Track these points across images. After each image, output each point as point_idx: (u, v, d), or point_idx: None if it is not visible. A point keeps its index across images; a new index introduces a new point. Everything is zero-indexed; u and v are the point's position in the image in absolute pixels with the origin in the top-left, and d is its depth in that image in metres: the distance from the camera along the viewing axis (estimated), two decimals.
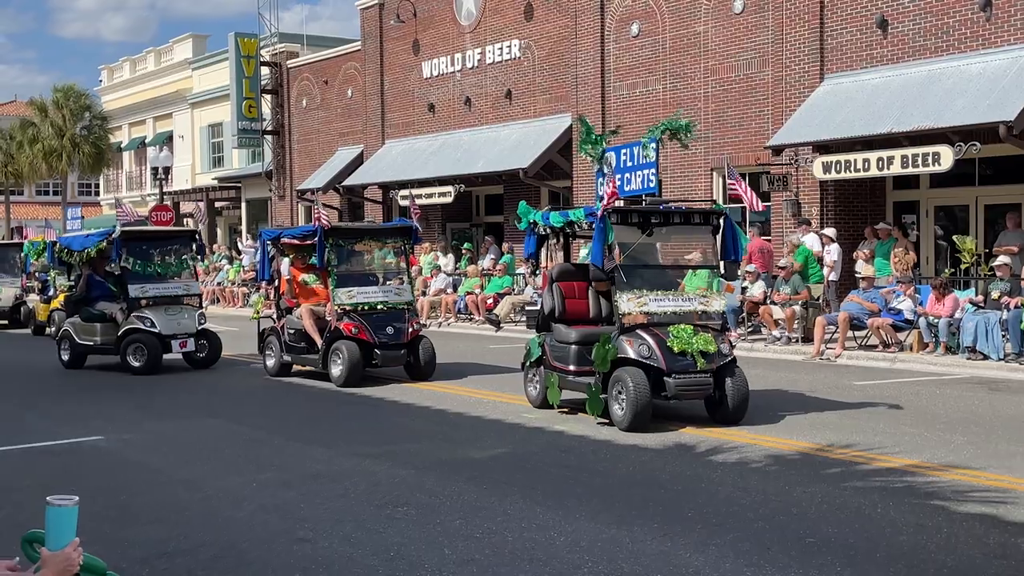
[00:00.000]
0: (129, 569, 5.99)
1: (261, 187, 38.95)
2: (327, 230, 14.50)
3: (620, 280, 10.68)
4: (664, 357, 10.22)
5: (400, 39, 31.39)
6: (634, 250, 10.99)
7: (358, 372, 13.89)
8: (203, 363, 16.52)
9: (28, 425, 11.64)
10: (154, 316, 16.14)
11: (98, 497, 7.79)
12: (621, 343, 10.39)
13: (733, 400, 10.45)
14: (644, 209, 11.25)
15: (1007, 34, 17.60)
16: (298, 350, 15.00)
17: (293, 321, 15.08)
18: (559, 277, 12.00)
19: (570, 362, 11.19)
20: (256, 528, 7.08)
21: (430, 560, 6.23)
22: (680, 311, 10.77)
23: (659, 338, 10.32)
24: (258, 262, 16.34)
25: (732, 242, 11.01)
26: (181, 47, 47.58)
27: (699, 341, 10.32)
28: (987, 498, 7.57)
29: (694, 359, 10.23)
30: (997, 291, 15.37)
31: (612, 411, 10.34)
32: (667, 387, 10.26)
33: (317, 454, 9.56)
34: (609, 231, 10.54)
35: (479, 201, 31.24)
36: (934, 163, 17.39)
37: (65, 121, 45.21)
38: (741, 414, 10.54)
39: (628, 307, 10.59)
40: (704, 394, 10.53)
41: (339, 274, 14.59)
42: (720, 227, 11.06)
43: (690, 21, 22.77)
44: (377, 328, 14.14)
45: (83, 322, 16.90)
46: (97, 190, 58.42)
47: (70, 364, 16.97)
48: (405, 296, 15.03)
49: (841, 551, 6.31)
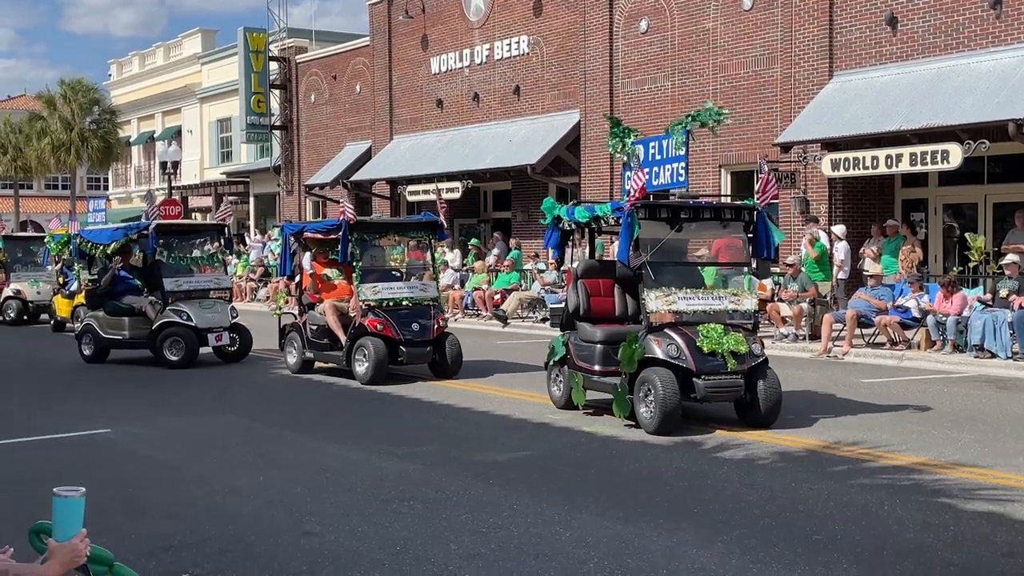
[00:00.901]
0: (136, 562, 5.99)
1: (269, 182, 39.00)
2: (352, 224, 14.17)
3: (648, 278, 10.31)
4: (693, 357, 9.87)
5: (409, 35, 31.39)
6: (662, 247, 10.58)
7: (384, 369, 13.61)
8: (234, 357, 16.49)
9: (37, 418, 11.67)
10: (190, 309, 16.07)
11: (106, 490, 7.82)
12: (649, 343, 10.04)
13: (765, 403, 10.06)
14: (673, 203, 10.86)
15: (1017, 32, 17.54)
16: (321, 347, 14.72)
17: (315, 317, 14.79)
18: (584, 274, 11.64)
19: (595, 362, 10.86)
20: (263, 522, 7.09)
21: (436, 554, 6.24)
22: (710, 310, 10.40)
23: (688, 338, 9.98)
24: (279, 256, 16.11)
25: (765, 238, 10.62)
26: (190, 42, 47.64)
27: (730, 341, 9.97)
28: (994, 496, 7.55)
29: (724, 360, 9.89)
30: (1005, 289, 15.33)
31: (639, 413, 9.98)
32: (696, 389, 9.91)
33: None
34: (636, 226, 10.15)
35: (487, 197, 31.23)
36: (943, 161, 17.34)
37: (74, 115, 45.30)
38: (773, 417, 10.17)
39: (656, 305, 10.24)
40: (735, 396, 10.15)
41: (363, 269, 14.29)
42: (753, 222, 10.67)
43: (699, 17, 22.73)
44: (402, 324, 13.86)
45: (108, 316, 16.77)
46: (106, 184, 58.53)
47: (93, 358, 16.81)
48: (430, 292, 14.73)
49: (847, 548, 6.31)
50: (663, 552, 6.27)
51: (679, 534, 6.62)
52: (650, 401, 9.82)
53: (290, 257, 15.58)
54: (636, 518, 7.00)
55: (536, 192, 27.51)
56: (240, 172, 41.58)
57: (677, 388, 9.73)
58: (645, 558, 6.14)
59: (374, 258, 15.40)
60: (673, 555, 6.20)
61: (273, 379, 14.88)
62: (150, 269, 17.36)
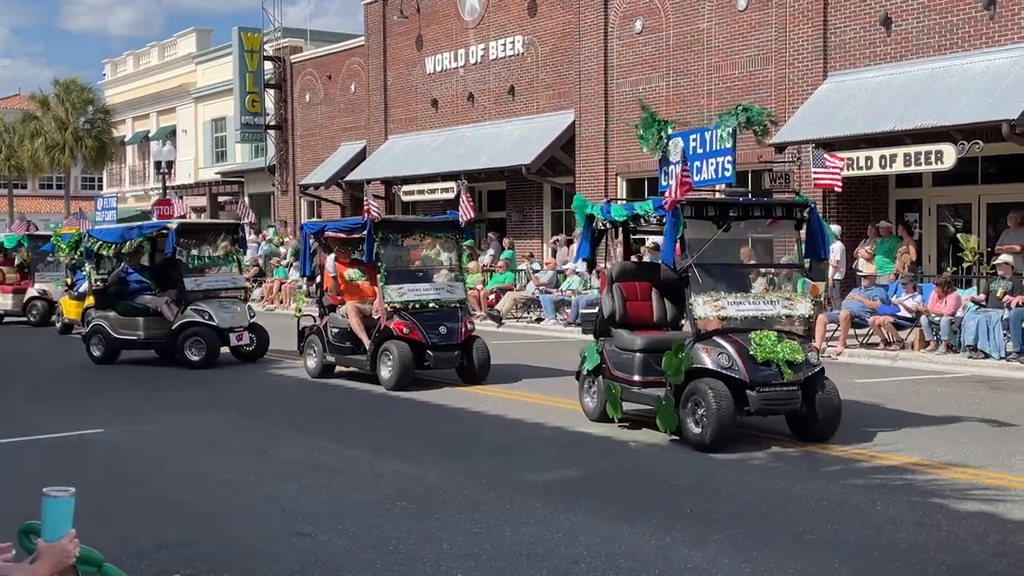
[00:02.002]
0: (128, 562, 5.99)
1: (264, 182, 38.96)
2: (376, 223, 13.64)
3: (695, 281, 9.56)
4: (746, 367, 9.13)
5: (403, 34, 31.38)
6: (704, 248, 9.83)
7: (409, 375, 13.06)
8: (251, 357, 16.33)
9: (31, 418, 11.64)
10: (211, 309, 15.91)
11: (99, 489, 7.80)
12: (697, 351, 9.31)
13: (824, 416, 9.33)
14: (721, 201, 10.05)
15: (1011, 32, 17.58)
16: (343, 350, 14.15)
17: (337, 319, 14.24)
18: (619, 277, 10.86)
19: (635, 372, 10.11)
20: (256, 522, 7.08)
21: (428, 554, 6.23)
22: (762, 316, 9.66)
23: (740, 346, 9.25)
24: (299, 257, 15.61)
25: (820, 238, 9.96)
26: (185, 41, 47.60)
27: (784, 349, 9.23)
28: (987, 496, 7.56)
29: (780, 370, 9.15)
30: (999, 290, 15.36)
31: (687, 428, 9.22)
32: (750, 401, 9.14)
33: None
34: (681, 225, 9.42)
35: (482, 197, 31.23)
36: (937, 161, 17.37)
37: (67, 115, 45.24)
38: (831, 432, 9.44)
39: (704, 311, 9.49)
40: (791, 408, 9.39)
41: (387, 270, 13.67)
42: (805, 221, 9.99)
43: (694, 18, 22.74)
44: (429, 328, 13.28)
45: (121, 316, 16.52)
46: (100, 184, 58.45)
47: (103, 359, 16.53)
48: (457, 294, 14.17)
49: (840, 548, 6.31)
50: (656, 551, 6.27)
51: (672, 533, 6.62)
52: (701, 415, 9.08)
53: (310, 257, 15.16)
54: (630, 518, 7.00)
55: (531, 192, 27.53)
56: (235, 172, 41.55)
57: (732, 401, 9.03)
58: (637, 558, 6.14)
59: (399, 258, 14.78)
60: (666, 555, 6.21)
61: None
62: (161, 268, 17.16)
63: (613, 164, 24.85)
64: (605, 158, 24.93)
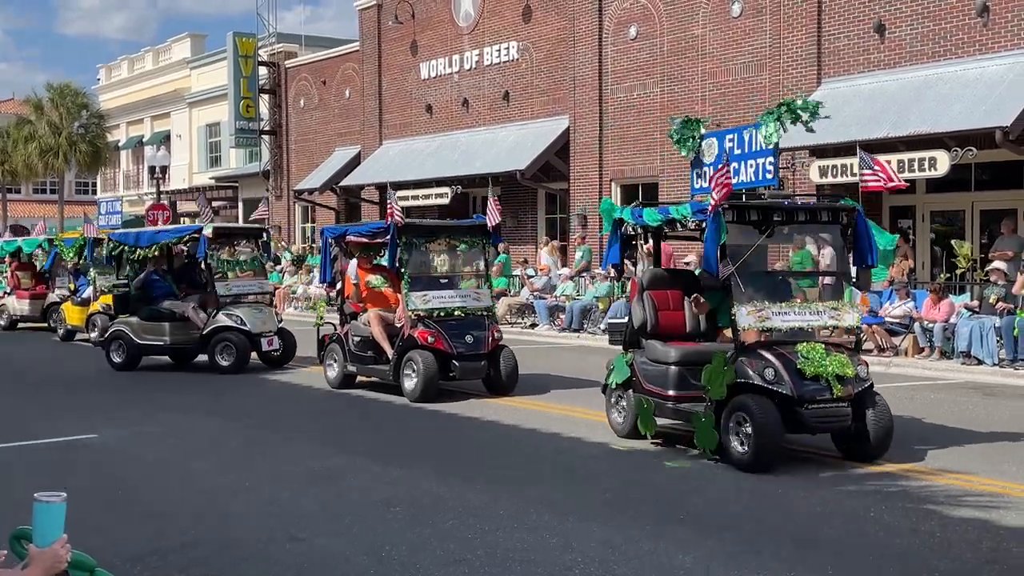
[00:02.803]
0: (123, 566, 5.97)
1: (258, 187, 38.93)
2: (400, 227, 13.08)
3: (738, 290, 9.02)
4: (794, 382, 8.59)
5: (398, 40, 31.40)
6: (748, 254, 9.29)
7: (435, 385, 12.50)
8: (278, 362, 16.14)
9: (26, 422, 11.60)
10: (242, 313, 15.73)
11: (94, 494, 7.78)
12: (741, 365, 8.79)
13: (875, 434, 8.82)
14: (765, 204, 9.45)
15: (1004, 40, 17.63)
16: (364, 359, 13.61)
17: (359, 328, 13.70)
18: (650, 285, 10.26)
19: (670, 386, 9.55)
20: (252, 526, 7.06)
21: (422, 560, 6.22)
22: (808, 327, 9.13)
23: (787, 360, 8.71)
24: (320, 262, 15.16)
25: (868, 244, 9.37)
26: (179, 46, 47.57)
27: (833, 363, 8.70)
28: (980, 503, 7.57)
29: (829, 384, 8.62)
30: (992, 296, 15.40)
31: (730, 446, 8.72)
32: (798, 418, 8.68)
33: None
34: (723, 231, 8.85)
35: (476, 202, 31.21)
36: (930, 168, 17.41)
37: (62, 119, 45.17)
38: (883, 450, 8.94)
39: (748, 322, 8.93)
40: (842, 426, 8.83)
41: (411, 276, 13.12)
42: (852, 225, 9.43)
43: (688, 24, 22.78)
44: (455, 336, 12.75)
45: (144, 321, 16.24)
46: (94, 189, 58.36)
47: (124, 366, 16.24)
48: (484, 301, 13.57)
49: (834, 554, 6.32)
50: (649, 557, 6.27)
51: (666, 539, 6.62)
52: (745, 433, 8.57)
53: (330, 262, 14.65)
54: (623, 523, 7.00)
55: (525, 198, 27.54)
56: (229, 177, 41.51)
57: (780, 419, 8.54)
58: (631, 563, 6.14)
59: (422, 264, 14.28)
60: (659, 560, 6.20)
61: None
62: (181, 272, 16.93)
63: (608, 170, 24.88)
64: (599, 164, 24.96)
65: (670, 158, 23.11)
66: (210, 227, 16.32)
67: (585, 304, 21.23)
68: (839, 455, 9.14)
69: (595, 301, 21.28)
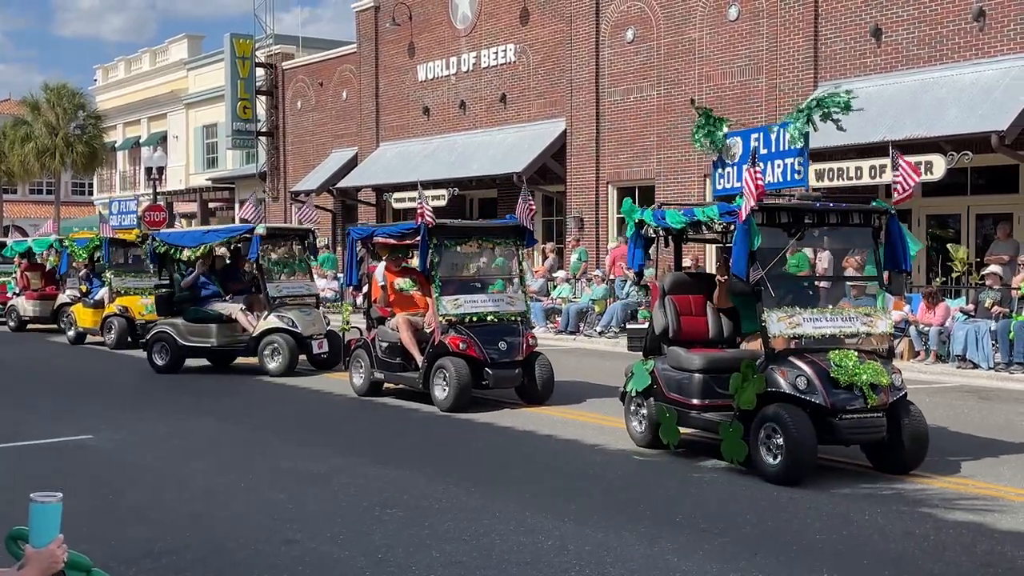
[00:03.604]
0: (116, 569, 5.97)
1: (255, 188, 38.90)
2: (431, 228, 12.48)
3: (768, 295, 8.72)
4: (827, 392, 8.28)
5: (395, 42, 31.41)
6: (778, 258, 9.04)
7: (467, 394, 11.95)
8: (326, 365, 15.83)
9: (21, 424, 11.59)
10: (294, 316, 15.48)
11: (88, 496, 7.77)
12: (771, 373, 8.46)
13: (910, 444, 8.50)
14: (797, 206, 9.08)
15: (1000, 44, 17.67)
16: (392, 366, 13.01)
17: (387, 333, 13.11)
18: (672, 289, 9.93)
19: (694, 394, 9.23)
20: (245, 529, 7.06)
21: (418, 562, 6.22)
22: (840, 334, 8.81)
23: (819, 368, 8.40)
24: (345, 264, 14.66)
25: (901, 247, 9.10)
26: (176, 47, 47.55)
27: (867, 371, 8.37)
28: (975, 506, 7.58)
29: (864, 394, 8.31)
30: (988, 300, 15.43)
31: (759, 458, 8.38)
32: (832, 429, 8.34)
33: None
34: (755, 235, 8.48)
35: (473, 205, 31.24)
36: (926, 172, 17.42)
37: (58, 120, 45.13)
38: (917, 463, 8.63)
39: (779, 328, 8.62)
40: (877, 437, 8.50)
41: (442, 279, 12.59)
42: (884, 228, 9.16)
43: (685, 28, 22.81)
44: (487, 343, 12.19)
45: (191, 323, 16.02)
46: (91, 190, 58.31)
47: (167, 368, 15.95)
48: (518, 306, 12.96)
49: (829, 557, 6.32)
50: (645, 560, 6.27)
51: (661, 542, 6.63)
52: (777, 445, 8.24)
53: (357, 265, 14.06)
54: (619, 526, 7.00)
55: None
56: (225, 178, 41.49)
57: (813, 430, 8.21)
58: (627, 566, 6.15)
59: (454, 266, 13.73)
60: (655, 563, 6.21)
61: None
62: (224, 273, 16.76)
63: (604, 173, 24.90)
64: (596, 167, 24.98)
65: (667, 161, 23.16)
66: (263, 227, 15.99)
67: (581, 307, 21.25)
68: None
69: (591, 304, 21.30)
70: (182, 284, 16.58)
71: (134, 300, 20.28)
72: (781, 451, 8.20)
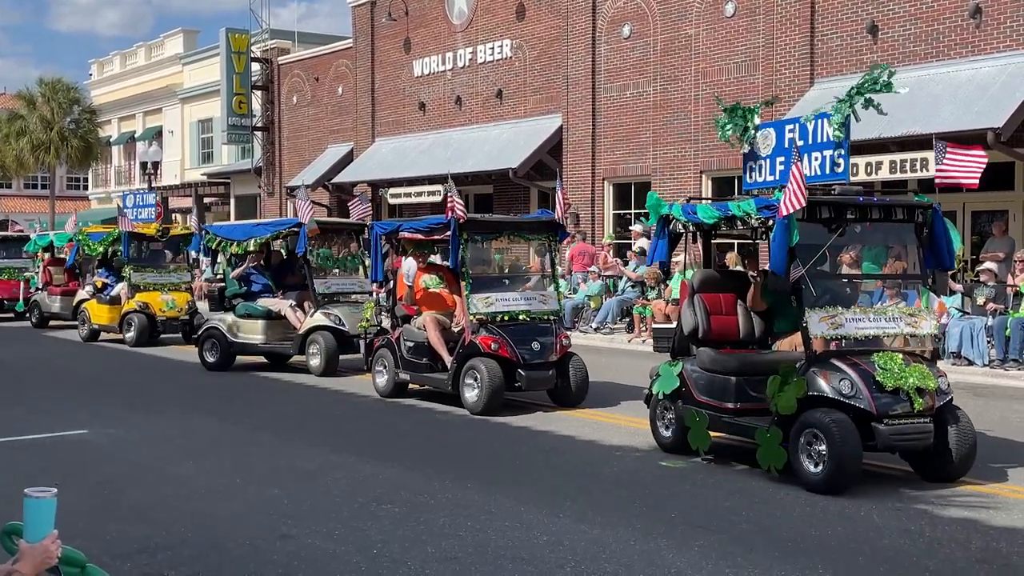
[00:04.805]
0: (111, 564, 5.96)
1: (250, 183, 38.87)
2: (461, 223, 11.99)
3: (809, 294, 8.33)
4: (872, 396, 7.91)
5: (392, 37, 31.36)
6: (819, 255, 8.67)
7: (500, 397, 11.42)
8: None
9: (17, 419, 11.56)
10: (341, 313, 14.88)
11: (83, 491, 7.76)
12: (813, 376, 8.08)
13: (958, 451, 8.08)
14: (839, 201, 8.56)
15: (996, 41, 17.68)
16: (418, 367, 12.50)
17: (412, 332, 12.62)
18: (701, 287, 9.54)
19: (728, 398, 8.86)
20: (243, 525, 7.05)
21: (413, 558, 6.22)
22: (883, 335, 8.45)
23: (864, 371, 8.02)
24: (371, 260, 14.21)
25: (946, 244, 8.70)
26: (172, 42, 47.46)
27: (913, 375, 8.00)
28: (970, 503, 7.60)
29: (910, 398, 7.94)
30: (983, 297, 15.44)
31: (800, 466, 7.98)
32: (877, 435, 7.89)
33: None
34: (795, 231, 8.07)
35: (468, 200, 31.19)
36: (922, 169, 17.44)
37: (53, 114, 45.04)
38: (966, 469, 8.24)
39: (820, 329, 8.24)
40: (924, 443, 8.05)
41: (472, 276, 12.10)
42: (928, 224, 8.74)
43: (681, 24, 22.80)
44: (520, 343, 11.67)
45: (240, 319, 15.57)
46: (86, 184, 58.23)
47: (217, 365, 15.54)
48: (551, 304, 12.41)
49: (824, 554, 6.33)
50: (640, 556, 6.27)
51: (656, 538, 6.63)
52: (819, 452, 7.84)
53: (381, 260, 13.65)
54: (614, 522, 7.00)
55: (518, 196, 27.53)
56: (221, 173, 41.43)
57: (858, 437, 7.81)
58: (622, 562, 6.15)
59: (483, 263, 13.08)
60: (650, 559, 6.21)
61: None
62: (278, 269, 16.34)
63: (600, 168, 24.89)
64: (592, 162, 24.96)
65: (663, 157, 23.15)
66: (313, 221, 15.38)
67: (577, 303, 21.25)
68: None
69: (587, 299, 21.29)
70: (232, 275, 16.14)
71: (154, 296, 19.66)
72: (824, 459, 7.80)
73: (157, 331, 19.32)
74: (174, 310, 19.55)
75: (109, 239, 20.83)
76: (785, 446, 8.14)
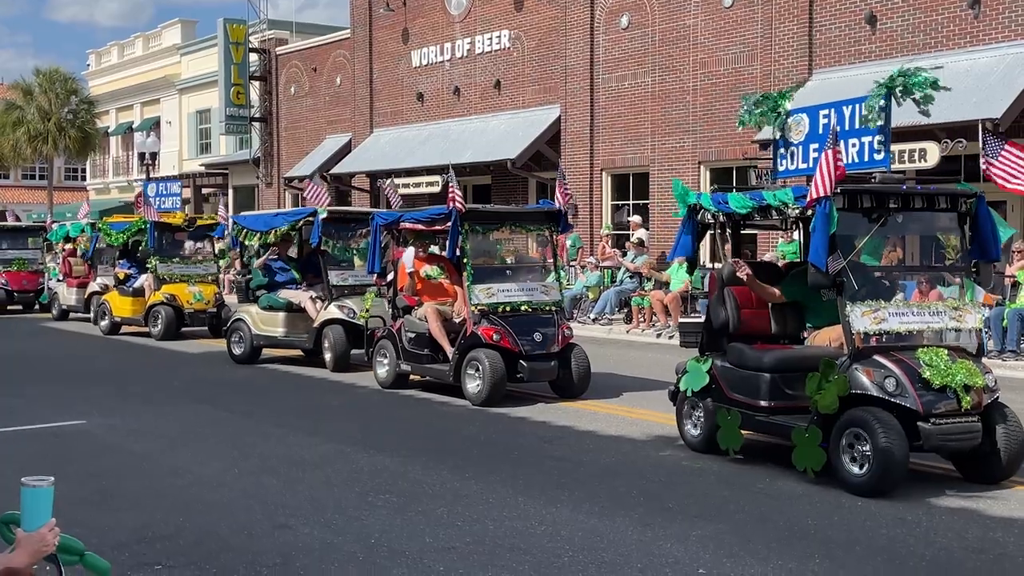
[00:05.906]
0: (109, 553, 5.95)
1: (248, 174, 38.83)
2: (462, 214, 11.94)
3: (850, 287, 7.97)
4: (918, 394, 7.52)
5: (390, 28, 31.31)
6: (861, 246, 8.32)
7: (502, 388, 11.40)
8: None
9: (13, 409, 11.57)
10: (355, 305, 14.54)
11: (80, 481, 7.76)
12: (855, 374, 7.70)
13: (1008, 451, 7.70)
14: (881, 189, 8.17)
15: (995, 32, 17.66)
16: (420, 358, 12.49)
17: (414, 323, 12.60)
18: (731, 280, 9.09)
19: (763, 396, 8.45)
20: (239, 514, 7.06)
21: (411, 547, 6.23)
22: (927, 329, 8.08)
23: (909, 367, 7.63)
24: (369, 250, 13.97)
25: (991, 234, 8.32)
26: (170, 32, 47.37)
27: (960, 371, 7.60)
28: (967, 493, 7.61)
29: (957, 396, 7.54)
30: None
31: (841, 467, 7.63)
32: (923, 435, 7.49)
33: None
34: (834, 220, 7.69)
35: (467, 191, 31.18)
36: (920, 159, 17.44)
37: (51, 105, 44.96)
38: (1014, 470, 7.86)
39: (863, 324, 7.85)
40: (972, 443, 7.65)
41: (474, 267, 12.03)
42: (972, 214, 8.35)
43: (680, 14, 22.76)
44: (521, 334, 11.64)
45: (263, 311, 15.30)
46: (84, 175, 58.14)
47: (244, 359, 15.34)
48: (553, 295, 12.37)
49: (821, 543, 6.34)
50: (637, 546, 6.29)
51: (654, 528, 6.64)
52: (863, 453, 7.48)
53: (381, 251, 13.52)
54: (612, 512, 7.02)
55: (516, 187, 27.53)
56: (219, 164, 41.38)
57: (904, 437, 7.41)
58: (619, 551, 6.16)
59: (485, 253, 13.14)
60: (647, 549, 6.22)
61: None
62: (308, 260, 15.87)
63: (598, 159, 24.87)
64: (590, 153, 24.95)
65: (661, 148, 23.13)
66: (324, 211, 15.06)
67: (575, 293, 21.26)
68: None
69: (585, 290, 21.30)
70: (254, 265, 15.88)
71: (181, 288, 19.13)
72: (868, 460, 7.44)
73: (185, 324, 18.95)
74: (202, 302, 19.12)
75: (132, 229, 20.23)
76: (824, 446, 7.78)
